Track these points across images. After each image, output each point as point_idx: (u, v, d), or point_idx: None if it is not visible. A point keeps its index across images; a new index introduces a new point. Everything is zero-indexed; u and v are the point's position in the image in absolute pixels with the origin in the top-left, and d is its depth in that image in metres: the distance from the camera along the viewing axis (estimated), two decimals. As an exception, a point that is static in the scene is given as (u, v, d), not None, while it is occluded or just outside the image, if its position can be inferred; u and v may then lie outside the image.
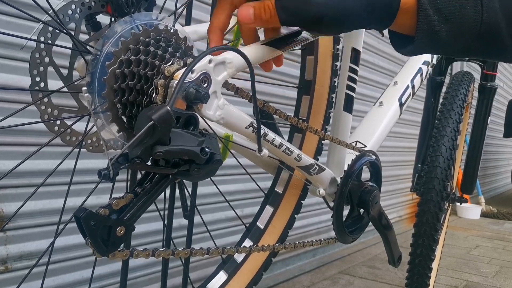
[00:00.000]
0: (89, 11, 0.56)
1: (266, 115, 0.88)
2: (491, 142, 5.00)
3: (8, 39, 0.98)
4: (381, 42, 2.58)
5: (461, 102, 1.40)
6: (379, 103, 1.07)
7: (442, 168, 1.32)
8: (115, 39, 0.51)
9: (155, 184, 0.52)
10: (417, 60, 1.12)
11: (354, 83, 0.92)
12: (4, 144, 1.02)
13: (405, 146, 2.95)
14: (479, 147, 1.53)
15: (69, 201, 0.66)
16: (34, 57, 0.53)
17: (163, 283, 0.89)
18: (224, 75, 0.56)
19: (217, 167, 0.52)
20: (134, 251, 0.55)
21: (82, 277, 1.19)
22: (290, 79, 1.80)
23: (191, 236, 0.93)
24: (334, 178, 0.89)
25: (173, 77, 0.50)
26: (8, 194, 1.03)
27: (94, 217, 0.47)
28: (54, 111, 0.55)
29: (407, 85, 1.08)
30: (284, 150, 0.71)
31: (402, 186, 3.02)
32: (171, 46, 0.53)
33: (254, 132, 0.63)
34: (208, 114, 0.55)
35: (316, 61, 0.88)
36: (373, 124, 1.04)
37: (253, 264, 0.90)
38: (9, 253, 1.05)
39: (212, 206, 1.54)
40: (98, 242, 0.48)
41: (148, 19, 0.54)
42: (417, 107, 2.58)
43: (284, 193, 0.95)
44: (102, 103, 0.51)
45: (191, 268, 1.52)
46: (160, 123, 0.45)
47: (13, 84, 1.02)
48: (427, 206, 1.31)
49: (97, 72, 0.50)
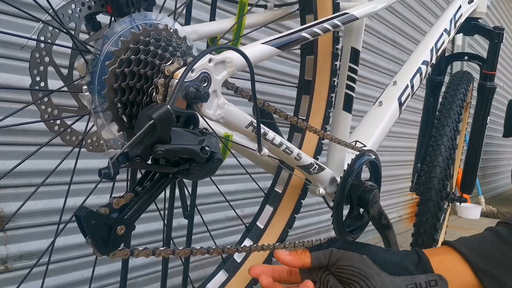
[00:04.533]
0: (89, 11, 0.56)
1: (266, 115, 0.88)
2: (491, 142, 5.00)
3: (8, 38, 0.98)
4: (381, 41, 2.58)
5: (460, 101, 1.41)
6: (379, 103, 1.07)
7: (442, 167, 1.32)
8: (115, 39, 0.51)
9: (156, 183, 0.52)
10: (417, 59, 1.12)
11: (353, 82, 0.92)
12: (4, 144, 1.02)
13: (405, 145, 2.95)
14: (479, 146, 1.53)
15: (69, 201, 0.66)
16: (34, 56, 0.53)
17: (163, 283, 0.89)
18: (224, 74, 0.56)
19: (217, 166, 0.52)
20: (134, 250, 0.55)
21: (82, 277, 1.19)
22: (289, 78, 1.80)
23: (191, 236, 0.93)
24: (334, 177, 0.89)
25: (173, 76, 0.50)
26: (8, 194, 1.03)
27: (95, 216, 0.47)
28: (54, 110, 0.55)
29: (407, 84, 1.08)
30: (284, 150, 0.71)
31: (401, 186, 3.02)
32: (171, 45, 0.53)
33: (254, 131, 0.63)
34: (208, 113, 0.55)
35: (315, 61, 0.88)
36: (372, 123, 1.04)
37: (253, 264, 0.90)
38: (9, 253, 1.05)
39: (212, 206, 1.54)
40: (98, 241, 0.48)
41: (147, 19, 0.54)
42: (417, 106, 2.58)
43: (284, 193, 0.95)
44: (102, 103, 0.51)
45: (191, 268, 1.52)
46: (160, 122, 0.45)
47: (13, 83, 1.02)
48: (426, 206, 1.31)
49: (97, 71, 0.50)
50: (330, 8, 0.83)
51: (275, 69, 1.76)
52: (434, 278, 0.58)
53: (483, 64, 1.45)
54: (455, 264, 0.60)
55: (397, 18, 2.70)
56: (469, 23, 1.34)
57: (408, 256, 0.60)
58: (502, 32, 1.40)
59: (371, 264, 0.59)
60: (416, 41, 2.87)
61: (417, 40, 2.88)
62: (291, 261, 0.61)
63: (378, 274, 0.58)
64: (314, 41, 0.86)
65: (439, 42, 1.15)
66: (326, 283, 0.61)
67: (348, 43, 0.91)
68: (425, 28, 2.96)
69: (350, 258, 0.60)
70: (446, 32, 1.17)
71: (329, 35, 0.87)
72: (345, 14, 0.78)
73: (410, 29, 2.86)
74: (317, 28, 0.71)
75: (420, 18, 2.95)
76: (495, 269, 0.58)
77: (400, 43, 2.78)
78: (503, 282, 0.58)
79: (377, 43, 2.55)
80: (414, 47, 1.24)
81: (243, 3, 0.78)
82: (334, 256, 0.61)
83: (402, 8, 2.72)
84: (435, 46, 1.14)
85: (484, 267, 0.58)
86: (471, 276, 0.59)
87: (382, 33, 2.57)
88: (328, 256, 0.61)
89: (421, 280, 0.58)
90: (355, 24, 0.89)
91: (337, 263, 0.60)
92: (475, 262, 0.59)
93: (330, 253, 0.61)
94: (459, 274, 0.59)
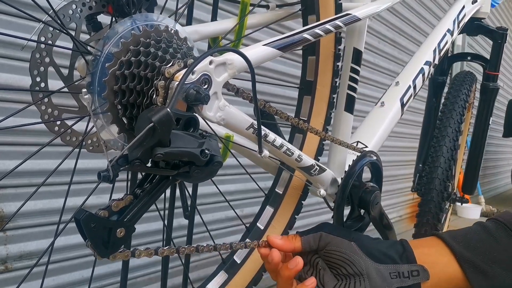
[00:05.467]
0: (90, 11, 0.56)
1: (267, 116, 0.87)
2: (491, 142, 4.99)
3: (8, 39, 0.98)
4: (382, 42, 2.57)
5: (463, 102, 1.40)
6: (381, 103, 1.07)
7: (443, 168, 1.31)
8: (115, 40, 0.51)
9: (155, 186, 0.52)
10: (419, 60, 1.11)
11: (355, 83, 0.92)
12: (4, 144, 1.01)
13: (406, 146, 2.94)
14: (481, 147, 1.53)
15: (69, 201, 0.66)
16: (35, 57, 0.52)
17: (163, 283, 0.88)
18: (224, 76, 0.55)
19: (217, 168, 0.52)
20: (136, 251, 0.54)
21: (82, 277, 1.19)
22: (291, 79, 1.80)
23: (191, 236, 0.93)
24: (335, 178, 0.89)
25: (173, 79, 0.50)
26: (8, 194, 1.03)
27: (94, 219, 0.46)
28: (55, 111, 0.55)
29: (409, 85, 1.08)
30: (285, 151, 0.71)
31: (403, 186, 3.02)
32: (171, 47, 0.53)
33: (255, 133, 0.62)
34: (208, 116, 0.55)
35: (317, 62, 0.88)
36: (374, 124, 1.04)
37: (253, 264, 0.90)
38: (9, 253, 1.04)
39: (212, 206, 1.54)
40: (98, 244, 0.47)
41: (148, 20, 0.54)
42: (419, 107, 2.57)
43: (284, 194, 0.94)
44: (102, 104, 0.50)
45: (191, 268, 1.52)
46: (160, 124, 0.45)
47: (13, 84, 1.01)
48: (428, 207, 1.31)
49: (97, 72, 0.50)
50: (333, 9, 0.83)
51: (276, 70, 1.76)
52: (416, 268, 0.61)
53: (486, 65, 1.45)
54: (439, 255, 0.63)
55: (397, 18, 2.70)
56: (472, 23, 1.33)
57: (394, 246, 0.63)
58: (506, 33, 1.39)
59: (358, 251, 0.62)
60: (416, 41, 2.87)
61: (417, 40, 2.87)
62: (282, 245, 0.64)
63: (364, 260, 0.61)
64: (316, 42, 0.86)
65: (442, 42, 1.14)
66: (315, 265, 0.64)
67: (350, 43, 0.91)
68: (426, 28, 2.95)
69: (338, 243, 0.63)
70: (449, 32, 1.16)
71: (331, 36, 0.87)
72: (347, 15, 0.78)
73: (410, 30, 2.85)
74: (319, 30, 0.70)
75: (421, 19, 2.95)
76: (478, 259, 0.60)
77: (401, 44, 2.77)
78: (485, 271, 0.60)
79: (378, 44, 2.54)
80: (414, 48, 1.23)
81: (244, 3, 0.78)
82: (323, 240, 0.64)
83: (402, 8, 2.72)
84: (438, 47, 1.13)
85: (468, 257, 0.61)
86: (454, 266, 0.61)
87: (382, 33, 2.56)
88: (317, 240, 0.64)
89: (404, 270, 0.61)
90: (357, 25, 0.89)
91: (326, 248, 0.63)
92: (459, 251, 0.61)
93: (319, 237, 0.64)
94: (442, 265, 0.61)
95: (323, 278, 0.63)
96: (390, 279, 0.60)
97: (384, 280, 0.60)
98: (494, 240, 0.61)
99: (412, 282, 0.60)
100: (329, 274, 0.63)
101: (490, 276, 0.59)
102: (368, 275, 0.60)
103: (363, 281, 0.60)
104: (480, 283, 0.60)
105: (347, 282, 0.61)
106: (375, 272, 0.60)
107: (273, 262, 0.62)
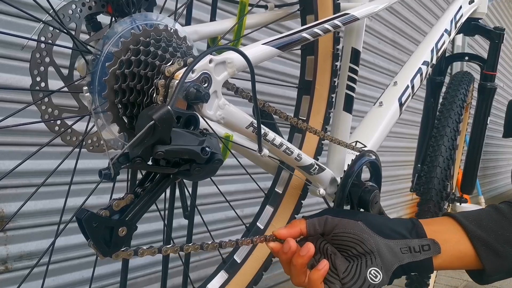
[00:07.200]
0: (89, 11, 0.56)
1: (266, 115, 0.88)
2: (491, 142, 5.00)
3: (8, 39, 0.98)
4: (381, 42, 2.58)
5: (460, 102, 1.40)
6: (379, 103, 1.07)
7: (442, 168, 1.32)
8: (115, 39, 0.51)
9: (156, 184, 0.52)
10: (417, 60, 1.12)
11: (354, 83, 0.92)
12: (4, 144, 1.02)
13: (405, 146, 2.95)
14: (479, 147, 1.53)
15: (69, 201, 0.66)
16: (35, 57, 0.52)
17: (163, 283, 0.88)
18: (224, 75, 0.56)
19: (218, 166, 0.52)
20: (139, 250, 0.54)
21: (82, 277, 1.19)
22: (290, 79, 1.80)
23: (191, 236, 0.93)
24: (334, 178, 0.89)
25: (173, 77, 0.50)
26: (8, 194, 1.03)
27: (96, 219, 0.47)
28: (55, 111, 0.55)
29: (407, 85, 1.08)
30: (284, 150, 0.71)
31: (402, 186, 3.02)
32: (171, 46, 0.53)
33: (255, 132, 0.63)
34: (208, 114, 0.55)
35: (316, 61, 0.88)
36: (373, 124, 1.04)
37: (253, 264, 0.90)
38: (9, 253, 1.05)
39: (212, 206, 1.54)
40: (100, 244, 0.47)
41: (148, 19, 0.54)
42: (417, 107, 2.58)
43: (284, 193, 0.95)
44: (102, 103, 0.51)
45: (191, 268, 1.52)
46: (161, 122, 0.45)
47: (13, 84, 1.02)
48: (427, 206, 1.31)
49: (98, 72, 0.50)
50: (331, 9, 0.83)
51: (275, 70, 1.76)
52: (427, 242, 0.60)
53: (483, 65, 1.45)
54: (451, 232, 0.62)
55: (397, 18, 2.70)
56: (469, 23, 1.34)
57: (403, 223, 0.63)
58: (503, 33, 1.39)
59: (366, 229, 0.61)
60: (416, 41, 2.87)
61: (417, 40, 2.88)
62: (288, 232, 0.63)
63: (373, 237, 0.60)
64: (314, 42, 0.86)
65: (440, 42, 1.14)
66: (325, 251, 0.63)
67: (349, 43, 0.91)
68: (425, 28, 2.96)
69: (345, 225, 0.62)
70: (447, 32, 1.17)
71: (330, 36, 0.87)
72: (345, 15, 0.78)
73: (410, 30, 2.86)
74: (317, 29, 0.71)
75: (420, 19, 2.95)
76: (490, 238, 0.60)
77: (400, 44, 2.78)
78: (496, 250, 0.59)
79: (377, 43, 2.55)
80: (414, 48, 1.24)
81: (243, 3, 0.78)
82: (329, 224, 0.63)
83: (402, 8, 2.72)
84: (436, 47, 1.13)
85: (480, 235, 0.60)
86: (466, 244, 0.60)
87: (382, 33, 2.57)
88: (323, 223, 0.63)
89: (415, 244, 0.60)
90: (355, 25, 0.89)
91: (334, 231, 0.62)
92: (471, 229, 0.60)
93: (325, 220, 0.63)
94: (453, 242, 0.61)
95: (335, 262, 0.62)
96: (401, 254, 0.59)
97: (395, 256, 0.59)
98: (507, 221, 0.61)
99: (423, 256, 0.59)
100: (340, 258, 0.62)
101: (501, 256, 0.59)
102: (379, 251, 0.59)
103: (375, 259, 0.59)
104: (491, 262, 0.59)
105: (358, 262, 0.60)
106: (386, 248, 0.59)
107: (291, 250, 0.61)
